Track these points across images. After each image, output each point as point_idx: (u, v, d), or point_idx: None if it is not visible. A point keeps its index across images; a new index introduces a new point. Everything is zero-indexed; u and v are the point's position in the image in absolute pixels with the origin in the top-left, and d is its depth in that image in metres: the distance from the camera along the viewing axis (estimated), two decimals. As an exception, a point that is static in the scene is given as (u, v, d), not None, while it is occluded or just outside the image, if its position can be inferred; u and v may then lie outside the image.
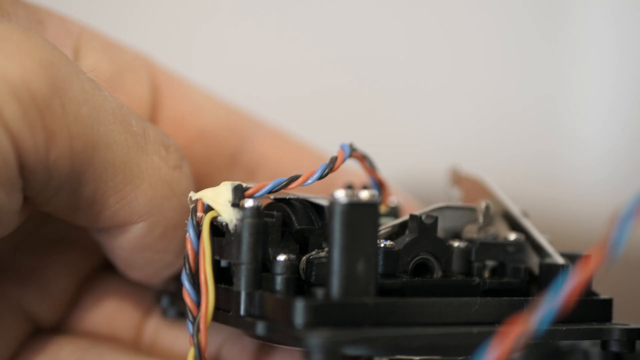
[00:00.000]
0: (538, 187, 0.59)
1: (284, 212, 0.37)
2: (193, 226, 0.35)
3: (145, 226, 0.38)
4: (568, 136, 0.63)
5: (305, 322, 0.32)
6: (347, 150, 0.38)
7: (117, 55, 0.42)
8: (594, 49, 0.63)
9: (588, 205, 0.60)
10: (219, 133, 0.44)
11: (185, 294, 0.35)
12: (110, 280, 0.43)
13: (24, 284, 0.41)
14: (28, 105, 0.33)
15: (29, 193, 0.35)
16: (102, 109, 0.35)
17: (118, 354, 0.41)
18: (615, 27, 0.62)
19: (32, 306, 0.41)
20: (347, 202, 0.33)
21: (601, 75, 0.63)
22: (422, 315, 0.34)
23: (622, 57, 0.62)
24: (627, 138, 0.61)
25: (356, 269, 0.33)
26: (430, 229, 0.37)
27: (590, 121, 0.62)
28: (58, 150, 0.34)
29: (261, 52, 0.64)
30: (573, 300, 0.29)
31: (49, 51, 0.34)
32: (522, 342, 0.29)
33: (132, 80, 0.42)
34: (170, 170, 0.38)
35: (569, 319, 0.36)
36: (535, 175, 0.61)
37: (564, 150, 0.63)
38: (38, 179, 0.34)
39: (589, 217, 0.60)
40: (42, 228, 0.42)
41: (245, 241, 0.35)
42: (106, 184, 0.36)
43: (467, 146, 0.59)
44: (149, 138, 0.38)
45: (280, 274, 0.35)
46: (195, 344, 0.34)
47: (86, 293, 0.43)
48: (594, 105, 0.63)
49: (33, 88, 0.33)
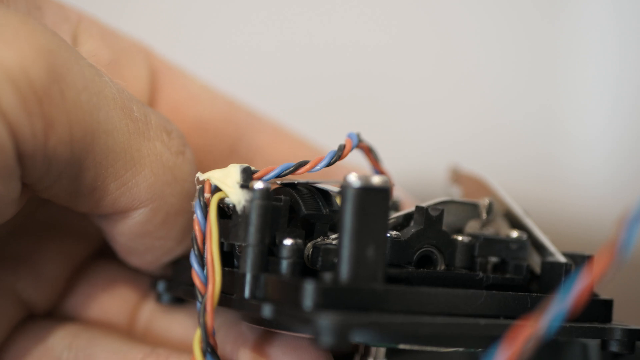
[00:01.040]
0: (538, 190, 0.59)
1: (291, 197, 0.36)
2: (200, 207, 0.35)
3: (147, 212, 0.37)
4: (568, 139, 0.63)
5: (314, 304, 0.32)
6: (355, 139, 0.38)
7: (115, 43, 0.42)
8: (595, 52, 0.63)
9: (588, 208, 0.61)
10: (217, 124, 0.44)
11: (194, 275, 0.34)
12: (104, 267, 0.43)
13: (18, 269, 0.41)
14: (26, 92, 0.33)
15: (27, 180, 0.35)
16: (102, 95, 0.35)
17: (109, 340, 0.40)
18: (615, 30, 0.63)
19: (26, 291, 0.41)
20: (361, 185, 0.32)
21: (601, 78, 0.63)
22: (429, 305, 0.34)
23: (622, 60, 0.63)
24: (627, 141, 0.62)
25: (366, 254, 0.33)
26: (436, 222, 0.37)
27: (590, 124, 0.63)
28: (57, 138, 0.33)
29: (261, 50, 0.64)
30: (583, 301, 0.29)
31: (47, 37, 0.34)
32: (531, 344, 0.29)
33: (130, 68, 0.42)
34: (172, 156, 0.38)
35: (571, 318, 0.36)
36: (535, 177, 0.61)
37: (564, 153, 0.63)
38: (37, 167, 0.34)
39: (589, 219, 0.60)
40: (37, 214, 0.42)
41: (253, 223, 0.34)
42: (107, 170, 0.36)
43: (467, 149, 0.59)
44: (150, 124, 0.37)
45: (286, 257, 0.34)
46: (202, 324, 0.34)
47: (80, 279, 0.42)
48: (594, 108, 0.63)
49: (31, 75, 0.33)
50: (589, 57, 0.63)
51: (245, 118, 0.45)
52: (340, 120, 0.56)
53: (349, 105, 0.64)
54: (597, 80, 0.63)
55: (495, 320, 0.34)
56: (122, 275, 0.42)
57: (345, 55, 0.64)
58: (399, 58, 0.65)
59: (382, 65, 0.65)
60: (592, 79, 0.63)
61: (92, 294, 0.42)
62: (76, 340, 0.40)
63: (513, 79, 0.64)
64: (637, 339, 0.37)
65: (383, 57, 0.65)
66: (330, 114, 0.62)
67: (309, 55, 0.64)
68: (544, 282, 0.38)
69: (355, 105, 0.64)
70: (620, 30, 0.63)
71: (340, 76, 0.64)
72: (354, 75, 0.64)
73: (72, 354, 0.40)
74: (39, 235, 0.42)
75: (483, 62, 0.64)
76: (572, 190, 0.61)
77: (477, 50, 0.65)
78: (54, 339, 0.40)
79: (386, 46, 0.65)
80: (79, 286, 0.42)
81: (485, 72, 0.64)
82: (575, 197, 0.61)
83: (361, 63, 0.64)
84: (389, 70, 0.65)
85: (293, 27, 0.65)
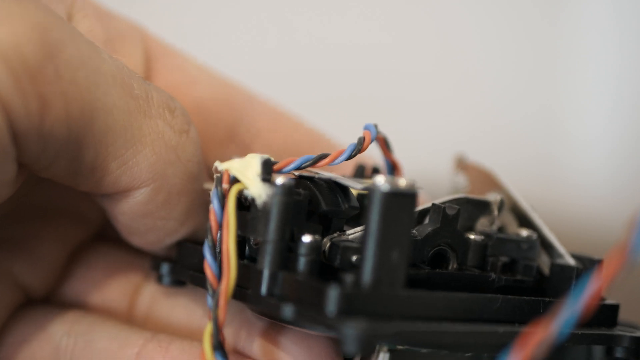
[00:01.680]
0: (538, 190, 0.59)
1: (310, 190, 0.36)
2: (218, 197, 0.34)
3: (148, 192, 0.36)
4: (568, 139, 0.63)
5: (338, 309, 0.31)
6: (373, 131, 0.37)
7: (111, 23, 0.40)
8: (595, 52, 0.63)
9: (589, 208, 0.61)
10: (215, 106, 0.43)
11: (207, 267, 0.34)
12: (103, 251, 0.42)
13: (15, 253, 0.40)
14: (19, 71, 0.32)
15: (24, 161, 0.34)
16: (100, 72, 0.34)
17: (109, 325, 0.39)
18: (615, 29, 0.63)
19: (23, 276, 0.40)
20: (389, 190, 0.32)
21: (602, 77, 0.63)
22: (447, 310, 0.34)
23: (622, 60, 0.63)
24: (628, 140, 0.62)
25: (390, 258, 0.32)
26: (453, 220, 0.37)
27: (591, 123, 0.63)
28: (53, 117, 0.33)
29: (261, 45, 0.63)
30: (594, 305, 0.29)
31: (41, 14, 0.33)
32: (542, 349, 0.29)
33: (125, 48, 0.41)
34: (175, 135, 0.37)
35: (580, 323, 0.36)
36: (536, 177, 0.61)
37: (564, 153, 0.63)
38: (33, 147, 0.33)
39: (589, 219, 0.60)
40: (33, 196, 0.41)
41: (273, 219, 0.34)
42: (107, 149, 0.35)
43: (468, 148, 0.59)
44: (152, 101, 0.36)
45: (305, 255, 0.34)
46: (214, 318, 0.33)
47: (78, 263, 0.42)
48: (595, 108, 0.63)
49: (24, 53, 0.32)
50: (589, 57, 0.63)
51: (244, 100, 0.44)
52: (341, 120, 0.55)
53: (350, 104, 0.63)
54: (597, 80, 0.63)
55: (513, 327, 0.34)
56: (122, 259, 0.42)
57: (347, 54, 0.63)
58: (399, 58, 0.64)
59: (383, 65, 0.64)
60: (592, 78, 0.63)
61: (91, 278, 0.41)
62: (75, 326, 0.39)
63: (513, 79, 0.64)
64: (644, 346, 0.37)
65: (383, 56, 0.64)
66: (332, 112, 0.61)
67: (311, 52, 0.64)
68: (553, 285, 0.38)
69: (355, 105, 0.63)
70: (621, 29, 0.63)
71: (343, 74, 0.63)
72: (356, 73, 0.63)
73: (71, 340, 0.39)
74: (35, 218, 0.41)
75: (484, 62, 0.64)
76: (572, 190, 0.61)
77: (478, 50, 0.64)
78: (53, 325, 0.39)
79: (387, 46, 0.64)
80: (78, 270, 0.41)
81: (485, 72, 0.64)
82: (575, 197, 0.61)
83: (363, 61, 0.64)
84: (389, 70, 0.64)
85: (294, 24, 0.64)
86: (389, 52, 0.64)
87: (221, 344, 0.34)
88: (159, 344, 0.38)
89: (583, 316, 0.29)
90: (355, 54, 0.64)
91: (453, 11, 0.64)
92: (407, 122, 0.63)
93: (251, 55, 0.63)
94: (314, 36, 0.64)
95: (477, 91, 0.64)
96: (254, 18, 0.64)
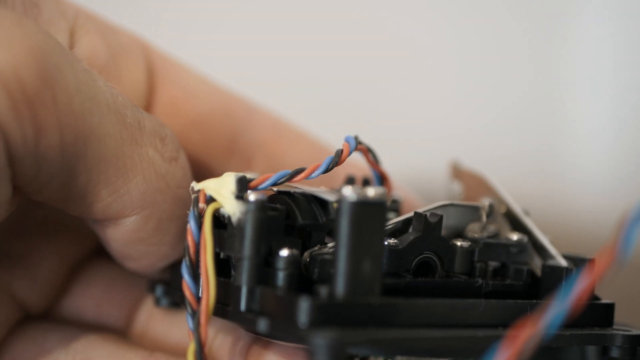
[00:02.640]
0: (538, 186, 0.59)
1: (288, 205, 0.36)
2: (194, 217, 0.35)
3: (139, 219, 0.37)
4: (568, 134, 0.62)
5: (309, 321, 0.31)
6: (352, 143, 0.37)
7: (113, 38, 0.41)
8: (594, 46, 0.63)
9: (588, 204, 0.60)
10: (216, 119, 0.43)
11: (185, 287, 0.34)
12: (101, 267, 0.42)
13: (14, 269, 0.41)
14: (17, 95, 0.32)
15: (18, 183, 0.34)
16: (95, 100, 0.35)
17: (106, 343, 0.40)
18: (614, 23, 0.62)
19: (22, 292, 0.41)
20: (356, 200, 0.32)
21: (601, 72, 0.62)
22: (426, 317, 0.34)
23: (622, 54, 0.62)
24: (628, 136, 0.61)
25: (362, 268, 0.32)
26: (435, 228, 0.37)
27: (590, 119, 0.62)
28: (47, 142, 0.33)
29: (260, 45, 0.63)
30: (581, 304, 0.29)
31: (41, 39, 0.33)
32: (530, 347, 0.29)
33: (128, 64, 0.41)
34: (165, 163, 0.37)
35: (571, 323, 0.35)
36: (535, 173, 0.61)
37: (564, 148, 0.62)
38: (27, 170, 0.33)
39: (588, 215, 0.60)
40: (32, 212, 0.41)
41: (248, 235, 0.34)
42: (98, 176, 0.35)
43: (467, 144, 0.58)
44: (144, 130, 0.37)
45: (283, 269, 0.34)
46: (196, 338, 0.33)
47: (77, 279, 0.42)
48: (594, 103, 0.62)
49: (22, 78, 0.32)
50: (588, 52, 0.62)
51: (245, 112, 0.45)
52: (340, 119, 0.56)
53: (350, 104, 0.63)
54: (596, 75, 0.62)
55: (494, 331, 0.34)
56: (120, 276, 0.42)
57: (343, 54, 0.63)
58: (399, 56, 0.64)
59: (382, 64, 0.64)
60: (591, 73, 0.62)
61: (90, 294, 0.42)
62: (73, 344, 0.40)
63: (513, 74, 0.63)
64: (639, 345, 0.37)
65: (383, 56, 0.64)
66: (330, 113, 0.61)
67: (306, 55, 0.64)
68: (545, 286, 0.38)
69: (355, 105, 0.63)
70: (620, 24, 0.62)
71: (339, 75, 0.63)
72: (354, 73, 0.63)
73: (69, 357, 0.39)
74: (34, 234, 0.42)
75: (482, 57, 0.64)
76: (572, 186, 0.61)
77: (476, 45, 0.64)
78: (52, 342, 0.40)
79: (386, 45, 0.64)
80: (77, 286, 0.42)
81: (484, 67, 0.64)
82: (575, 193, 0.60)
83: (361, 62, 0.64)
84: (388, 69, 0.64)
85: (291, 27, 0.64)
86: (390, 50, 0.64)
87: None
88: None
89: (571, 314, 0.29)
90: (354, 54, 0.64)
91: (456, 8, 0.64)
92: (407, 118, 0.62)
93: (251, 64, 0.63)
94: (309, 37, 0.64)
95: (478, 86, 0.63)
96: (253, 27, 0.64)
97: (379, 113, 0.62)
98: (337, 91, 0.63)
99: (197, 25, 0.64)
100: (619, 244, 0.28)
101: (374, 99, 0.63)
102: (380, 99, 0.63)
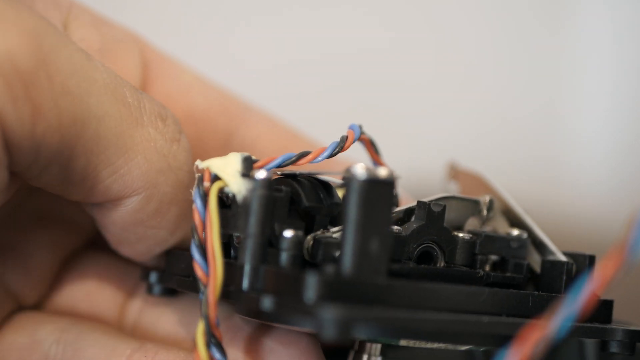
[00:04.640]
0: (537, 189, 0.59)
1: (292, 188, 0.36)
2: (200, 196, 0.34)
3: (139, 200, 0.36)
4: (567, 138, 0.63)
5: (316, 296, 0.31)
6: (357, 131, 0.37)
7: (107, 31, 0.41)
8: (593, 51, 0.63)
9: (588, 206, 0.60)
10: (210, 115, 0.43)
11: (196, 266, 0.34)
12: (94, 259, 0.42)
13: (6, 260, 0.40)
14: (11, 78, 0.32)
15: (16, 169, 0.34)
16: (92, 80, 0.34)
17: (98, 334, 0.39)
18: (613, 28, 0.63)
19: (14, 283, 0.40)
20: (367, 178, 0.32)
21: (600, 76, 0.63)
22: (431, 301, 0.33)
23: (620, 59, 0.62)
24: (626, 139, 0.62)
25: (370, 247, 0.32)
26: (438, 217, 0.36)
27: (589, 122, 0.62)
28: (45, 125, 0.33)
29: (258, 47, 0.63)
30: (593, 303, 0.29)
31: (34, 22, 0.33)
32: (540, 349, 0.29)
33: (122, 56, 0.41)
34: (166, 143, 0.37)
35: (577, 320, 0.35)
36: (534, 176, 0.61)
37: (563, 152, 0.63)
38: (25, 155, 0.33)
39: (588, 217, 0.60)
40: (25, 204, 0.41)
41: (254, 213, 0.34)
42: (98, 157, 0.35)
43: (467, 148, 0.59)
44: (144, 109, 0.36)
45: (287, 249, 0.34)
46: (204, 316, 0.33)
47: (69, 270, 0.42)
48: (593, 107, 0.63)
49: (17, 60, 0.32)
50: (587, 57, 0.63)
51: (239, 109, 0.44)
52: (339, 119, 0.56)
53: (349, 103, 0.63)
54: (595, 79, 0.63)
55: (499, 318, 0.34)
56: (113, 268, 0.42)
57: (345, 55, 0.64)
58: (399, 57, 0.64)
59: (382, 64, 0.64)
60: (590, 78, 0.63)
61: (82, 286, 0.41)
62: (65, 335, 0.39)
63: (512, 79, 0.64)
64: (638, 341, 0.37)
65: (383, 56, 0.64)
66: (329, 113, 0.61)
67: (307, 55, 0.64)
68: (544, 281, 0.38)
69: (356, 104, 0.63)
70: (619, 28, 0.63)
71: (340, 75, 0.63)
72: (354, 74, 0.64)
73: (60, 348, 0.39)
74: (27, 225, 0.41)
75: (483, 62, 0.64)
76: (571, 189, 0.61)
77: (477, 49, 0.64)
78: (43, 333, 0.39)
79: (386, 45, 0.64)
80: (70, 278, 0.41)
81: (484, 71, 0.64)
82: (574, 195, 0.61)
83: (361, 62, 0.64)
84: (389, 69, 0.64)
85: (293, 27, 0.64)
86: (389, 50, 0.64)
87: (217, 339, 0.33)
88: (145, 354, 0.38)
89: (582, 313, 0.29)
90: (355, 55, 0.64)
91: (458, 13, 0.64)
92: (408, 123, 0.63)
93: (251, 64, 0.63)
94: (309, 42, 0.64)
95: (476, 91, 0.64)
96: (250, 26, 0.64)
97: (379, 114, 0.62)
98: (337, 91, 0.63)
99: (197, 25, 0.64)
100: (629, 244, 0.28)
101: (373, 100, 0.63)
102: (380, 100, 0.63)
